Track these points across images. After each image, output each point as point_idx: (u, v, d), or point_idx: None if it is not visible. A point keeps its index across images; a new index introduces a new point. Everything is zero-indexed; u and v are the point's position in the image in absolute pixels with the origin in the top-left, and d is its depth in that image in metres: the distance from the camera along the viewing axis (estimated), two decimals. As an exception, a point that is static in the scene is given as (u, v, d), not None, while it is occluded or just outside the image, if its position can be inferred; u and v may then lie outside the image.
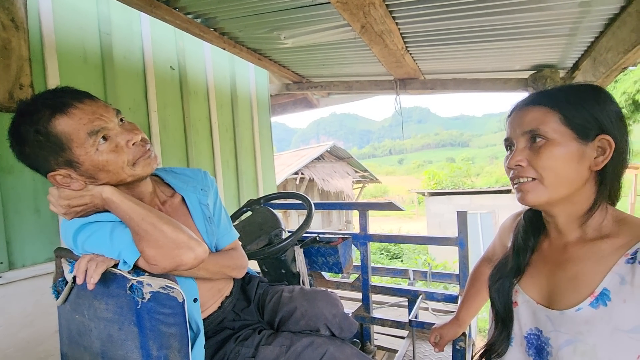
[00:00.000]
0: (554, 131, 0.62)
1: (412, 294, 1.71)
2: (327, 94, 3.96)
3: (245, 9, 1.86)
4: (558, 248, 0.70)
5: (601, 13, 1.65)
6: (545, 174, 0.63)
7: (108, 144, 0.78)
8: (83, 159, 0.77)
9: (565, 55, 2.26)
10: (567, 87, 0.68)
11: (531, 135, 0.65)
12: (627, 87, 7.61)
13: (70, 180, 0.79)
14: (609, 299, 0.59)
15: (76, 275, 0.74)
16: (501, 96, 18.45)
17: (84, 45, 1.89)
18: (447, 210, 10.36)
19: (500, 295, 0.74)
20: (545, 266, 0.71)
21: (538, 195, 0.64)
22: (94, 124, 0.76)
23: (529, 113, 0.66)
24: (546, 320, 0.66)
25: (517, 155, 0.66)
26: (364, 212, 1.77)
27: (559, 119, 0.63)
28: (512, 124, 0.68)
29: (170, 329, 0.74)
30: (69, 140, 0.75)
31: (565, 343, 0.62)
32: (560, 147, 0.62)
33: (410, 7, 1.69)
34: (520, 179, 0.66)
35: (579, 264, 0.64)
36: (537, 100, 0.66)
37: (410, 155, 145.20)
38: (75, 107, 0.76)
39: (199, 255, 0.77)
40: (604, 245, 0.63)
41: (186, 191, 0.99)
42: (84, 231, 0.80)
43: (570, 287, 0.64)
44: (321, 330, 0.98)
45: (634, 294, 0.56)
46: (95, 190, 0.79)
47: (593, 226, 0.65)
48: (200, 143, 2.64)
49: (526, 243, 0.75)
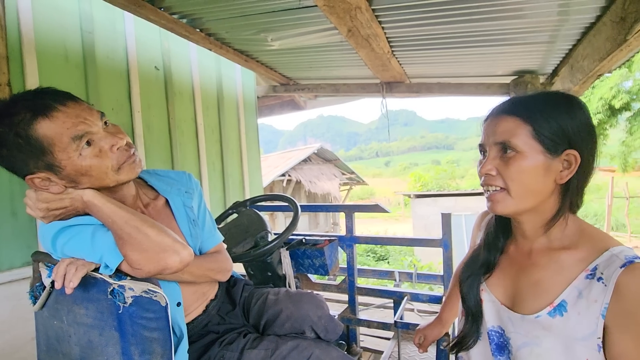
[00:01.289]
0: (524, 144, 0.64)
1: (397, 295, 1.73)
2: (314, 96, 3.97)
3: (232, 11, 1.85)
4: (523, 252, 0.73)
5: (578, 22, 1.71)
6: (513, 185, 0.65)
7: (92, 149, 0.76)
8: (65, 164, 0.74)
9: (545, 62, 2.33)
10: (541, 96, 0.69)
11: (502, 146, 0.66)
12: (604, 92, 7.90)
13: (49, 184, 0.76)
14: (565, 310, 0.62)
15: (54, 279, 0.72)
16: (485, 100, 18.81)
17: (65, 44, 1.84)
18: (433, 212, 10.52)
19: (470, 291, 0.77)
20: (511, 269, 0.74)
21: (506, 206, 0.67)
22: (77, 128, 0.74)
23: (503, 123, 0.67)
24: (508, 321, 0.70)
25: (488, 163, 0.68)
26: (350, 214, 1.78)
27: (529, 132, 0.64)
28: (486, 131, 0.70)
29: (152, 333, 0.73)
30: (50, 144, 0.72)
31: (523, 345, 0.65)
32: (528, 160, 0.64)
33: (395, 12, 1.72)
34: (489, 187, 0.68)
35: (541, 272, 0.68)
36: (511, 109, 0.68)
37: (396, 157, 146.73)
38: (58, 110, 0.73)
39: (184, 259, 0.76)
40: (564, 256, 0.66)
41: (170, 194, 0.98)
42: (63, 235, 0.78)
43: (532, 293, 0.67)
44: (306, 333, 0.98)
45: (589, 308, 0.60)
46: (76, 193, 0.77)
47: (556, 234, 0.68)
48: (186, 144, 2.60)
49: (495, 243, 0.78)
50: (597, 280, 0.60)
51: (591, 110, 8.15)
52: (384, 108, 3.05)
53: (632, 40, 1.20)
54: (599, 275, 0.60)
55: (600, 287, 0.59)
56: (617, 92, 7.74)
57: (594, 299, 0.60)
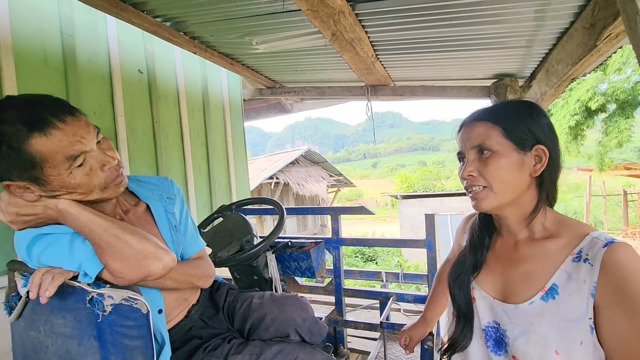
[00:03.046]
0: (498, 144, 0.71)
1: (383, 296, 1.75)
2: (301, 99, 3.98)
3: (216, 14, 1.84)
4: (509, 247, 0.77)
5: (554, 27, 1.77)
6: (494, 182, 0.71)
7: (83, 168, 0.74)
8: (52, 179, 0.72)
9: (524, 66, 2.40)
10: (506, 103, 0.77)
11: (479, 149, 0.73)
12: (581, 95, 8.16)
13: (25, 191, 0.73)
14: (557, 293, 0.66)
15: (29, 289, 0.70)
16: (469, 103, 19.43)
17: (44, 47, 1.80)
18: (419, 212, 10.64)
19: (460, 291, 0.80)
20: (499, 264, 0.78)
21: (489, 202, 0.72)
22: (74, 147, 0.71)
23: (476, 128, 0.74)
24: (502, 313, 0.72)
25: (468, 166, 0.73)
26: (336, 216, 1.79)
27: (500, 132, 0.71)
28: (462, 138, 0.77)
29: (134, 342, 0.72)
30: (43, 160, 0.69)
31: (520, 334, 0.68)
32: (504, 158, 0.70)
33: (378, 16, 1.75)
34: (473, 188, 0.74)
35: (529, 262, 0.72)
36: (481, 116, 0.75)
37: (383, 159, 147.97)
38: (55, 126, 0.69)
39: (167, 264, 0.76)
40: (549, 244, 0.70)
41: (151, 199, 0.97)
42: (39, 243, 0.76)
43: (523, 283, 0.71)
44: (291, 336, 0.98)
45: (579, 289, 0.63)
46: (50, 202, 0.74)
47: (538, 226, 0.74)
48: (171, 148, 2.57)
49: (482, 241, 0.82)
50: (584, 261, 0.64)
51: (569, 111, 8.42)
52: (369, 111, 3.08)
53: (601, 46, 1.25)
54: (585, 257, 0.64)
55: (587, 268, 0.63)
56: (594, 94, 8.01)
57: (583, 279, 0.63)
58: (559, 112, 8.82)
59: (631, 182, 15.28)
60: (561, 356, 0.63)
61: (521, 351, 0.67)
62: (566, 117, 8.50)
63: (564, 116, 8.59)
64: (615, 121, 8.11)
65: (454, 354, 0.81)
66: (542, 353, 0.64)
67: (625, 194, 12.57)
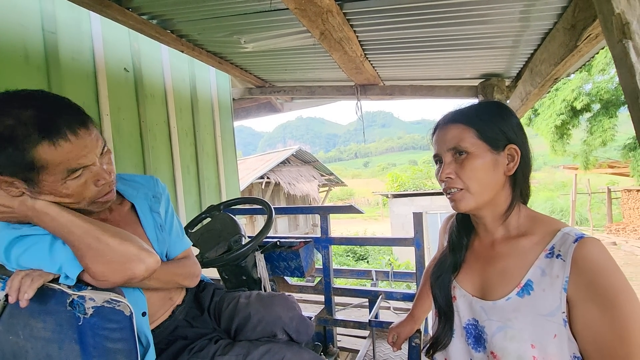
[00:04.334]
0: (472, 145, 0.72)
1: (372, 295, 1.76)
2: (291, 98, 3.97)
3: (203, 12, 1.83)
4: (486, 245, 0.79)
5: (538, 28, 1.80)
6: (470, 183, 0.73)
7: (77, 180, 0.73)
8: (44, 184, 0.70)
9: (510, 66, 2.44)
10: (478, 105, 0.79)
11: (455, 151, 0.74)
12: (566, 95, 8.34)
13: (10, 186, 0.71)
14: (532, 289, 0.68)
15: (8, 292, 0.68)
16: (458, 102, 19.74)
17: (25, 44, 1.75)
18: (410, 211, 10.67)
19: (441, 291, 0.82)
20: (477, 262, 0.80)
21: (467, 203, 0.74)
22: (78, 161, 0.71)
23: (450, 131, 0.75)
24: (481, 310, 0.74)
25: (446, 169, 0.75)
26: (325, 215, 1.79)
27: (474, 134, 0.73)
28: (437, 141, 0.78)
29: (116, 344, 0.71)
30: (43, 167, 0.68)
31: (498, 330, 0.69)
32: (479, 159, 0.72)
33: (366, 16, 1.75)
34: (451, 190, 0.75)
35: (505, 260, 0.74)
36: (455, 118, 0.76)
37: (375, 158, 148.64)
38: (67, 139, 0.68)
39: (150, 266, 0.75)
40: (523, 241, 0.72)
41: (136, 198, 0.95)
42: (18, 245, 0.74)
43: (500, 281, 0.73)
44: (278, 335, 0.98)
45: (552, 284, 0.65)
46: (28, 200, 0.72)
47: (513, 224, 0.76)
48: (158, 148, 2.54)
49: (460, 242, 0.84)
50: (556, 257, 0.66)
51: (555, 111, 8.58)
52: (359, 110, 3.09)
53: (582, 46, 1.28)
54: (557, 252, 0.66)
55: (559, 263, 0.65)
56: (579, 94, 8.19)
57: (556, 274, 0.65)
58: (545, 111, 8.99)
59: (615, 180, 15.67)
60: (536, 350, 0.64)
61: (499, 347, 0.68)
62: (552, 117, 8.67)
63: (550, 116, 8.76)
64: (599, 120, 8.30)
65: (436, 352, 0.82)
66: (518, 347, 0.65)
67: (609, 191, 12.88)
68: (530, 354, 0.64)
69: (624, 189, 12.32)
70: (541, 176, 30.83)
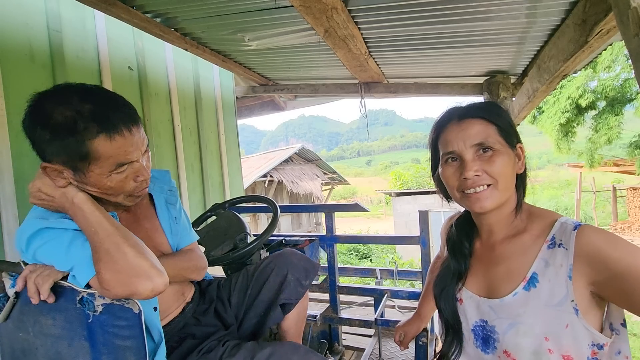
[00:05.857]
0: (496, 142, 0.71)
1: (377, 293, 1.75)
2: (294, 96, 3.96)
3: (207, 10, 1.82)
4: (488, 247, 0.78)
5: (545, 24, 1.78)
6: (500, 179, 0.70)
7: (121, 174, 0.77)
8: (91, 175, 0.74)
9: (516, 63, 2.42)
10: (487, 103, 0.78)
11: (480, 147, 0.71)
12: (571, 92, 8.26)
13: (58, 175, 0.74)
14: (537, 281, 0.67)
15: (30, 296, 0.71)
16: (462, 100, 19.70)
17: (31, 43, 1.76)
18: (413, 209, 10.70)
19: (446, 304, 0.80)
20: (481, 265, 0.79)
21: (494, 200, 0.71)
22: (127, 156, 0.75)
23: (472, 126, 0.72)
24: (489, 310, 0.73)
25: (473, 166, 0.70)
26: (330, 214, 1.79)
27: (496, 130, 0.71)
28: (454, 137, 0.72)
29: (125, 342, 0.71)
30: (95, 158, 0.72)
31: (509, 327, 0.68)
32: (504, 155, 0.70)
33: (371, 12, 1.74)
34: (477, 188, 0.71)
35: (509, 258, 0.73)
36: (474, 113, 0.73)
37: (377, 156, 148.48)
38: (122, 134, 0.73)
39: (157, 287, 0.72)
40: (524, 238, 0.72)
41: (154, 191, 0.99)
42: (40, 237, 0.75)
43: (505, 279, 0.72)
44: (289, 275, 1.08)
45: (557, 273, 0.65)
46: (70, 192, 0.75)
47: (514, 223, 0.75)
48: (163, 146, 2.54)
49: (462, 249, 0.82)
50: (559, 246, 0.66)
51: (560, 109, 8.51)
52: (363, 108, 3.08)
53: (592, 42, 1.26)
54: (559, 242, 0.66)
55: (562, 252, 0.65)
56: (584, 91, 8.11)
57: (560, 263, 0.65)
58: (550, 109, 8.91)
59: (620, 178, 15.55)
60: (551, 342, 0.64)
61: (512, 344, 0.67)
62: (557, 115, 8.59)
63: (555, 113, 8.69)
64: (604, 118, 8.22)
65: None
66: (532, 342, 0.65)
67: (614, 190, 12.78)
68: (545, 347, 0.64)
69: (629, 187, 12.23)
70: (546, 174, 30.66)
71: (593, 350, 0.63)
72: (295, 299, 1.10)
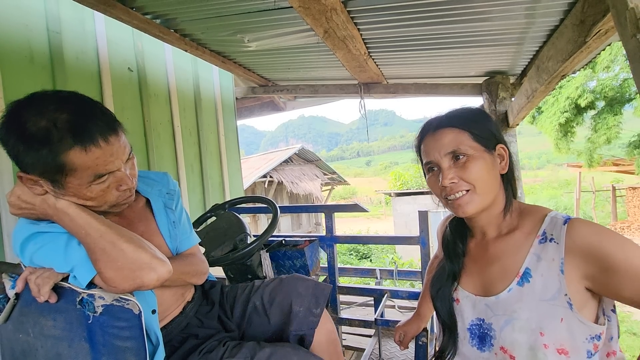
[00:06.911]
0: (469, 147, 0.72)
1: (377, 293, 1.75)
2: (294, 97, 3.96)
3: (207, 11, 1.82)
4: (482, 247, 0.79)
5: (544, 24, 1.79)
6: (477, 183, 0.72)
7: (101, 184, 0.74)
8: (69, 187, 0.71)
9: (515, 63, 2.42)
10: (463, 109, 0.79)
11: (453, 155, 0.73)
12: (570, 92, 8.26)
13: (34, 184, 0.72)
14: (530, 276, 0.68)
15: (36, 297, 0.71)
16: (461, 100, 19.67)
17: (30, 45, 1.76)
18: (413, 209, 10.70)
19: (443, 304, 0.81)
20: (475, 265, 0.80)
21: (475, 204, 0.73)
22: (106, 167, 0.72)
23: (445, 136, 0.74)
24: (486, 308, 0.74)
25: (448, 174, 0.73)
26: (330, 214, 1.79)
27: (469, 136, 0.73)
28: (431, 148, 0.76)
29: (125, 343, 0.71)
30: (71, 170, 0.69)
31: (505, 323, 0.69)
32: (478, 160, 0.72)
33: (370, 13, 1.75)
34: (455, 194, 0.73)
35: (503, 257, 0.74)
36: (445, 123, 0.76)
37: (377, 157, 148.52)
38: (97, 145, 0.69)
39: (162, 276, 0.73)
40: (516, 235, 0.73)
41: (151, 194, 0.97)
42: (35, 241, 0.74)
43: (500, 277, 0.73)
44: (295, 306, 1.01)
45: (549, 268, 0.66)
46: (50, 198, 0.73)
47: (506, 221, 0.76)
48: (162, 147, 2.54)
49: (456, 250, 0.83)
50: (550, 241, 0.67)
51: (559, 109, 8.50)
52: (363, 109, 3.08)
53: (591, 42, 1.27)
54: (550, 236, 0.67)
55: (553, 246, 0.66)
56: (583, 91, 8.12)
57: (551, 257, 0.66)
58: (549, 109, 8.92)
59: (619, 178, 15.56)
60: (546, 337, 0.64)
61: (509, 340, 0.68)
62: (556, 115, 8.60)
63: (554, 113, 8.69)
64: (603, 118, 8.23)
65: None
66: (528, 337, 0.66)
67: (613, 189, 12.79)
68: (541, 342, 0.64)
69: (628, 187, 12.24)
70: (545, 174, 30.66)
71: (594, 343, 0.64)
72: (309, 329, 1.01)
